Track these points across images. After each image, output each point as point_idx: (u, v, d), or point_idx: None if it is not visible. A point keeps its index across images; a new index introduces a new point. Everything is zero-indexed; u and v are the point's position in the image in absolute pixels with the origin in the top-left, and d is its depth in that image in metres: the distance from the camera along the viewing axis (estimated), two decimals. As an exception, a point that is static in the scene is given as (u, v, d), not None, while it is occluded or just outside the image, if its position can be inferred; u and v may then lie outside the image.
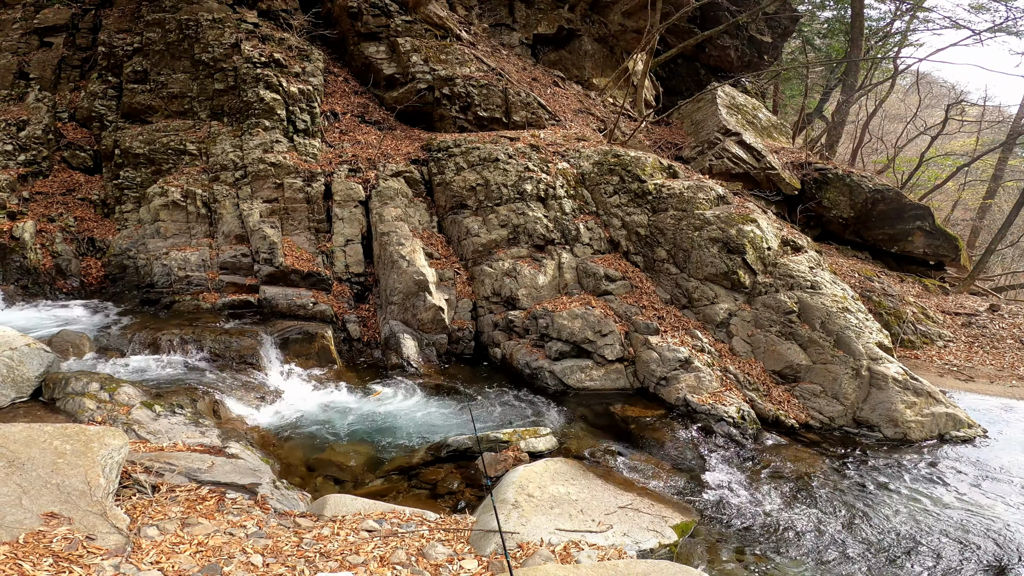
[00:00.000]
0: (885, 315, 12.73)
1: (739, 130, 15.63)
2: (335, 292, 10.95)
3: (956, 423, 8.36)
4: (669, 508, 5.96)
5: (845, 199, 15.86)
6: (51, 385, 6.75)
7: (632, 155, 12.09)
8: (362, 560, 4.11)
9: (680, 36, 19.19)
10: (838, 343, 9.06)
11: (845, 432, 8.44)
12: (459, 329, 10.58)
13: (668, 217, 11.00)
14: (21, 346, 6.96)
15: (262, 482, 5.37)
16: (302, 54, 13.22)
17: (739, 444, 7.75)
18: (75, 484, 4.06)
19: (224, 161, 11.74)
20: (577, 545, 4.85)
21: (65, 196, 12.07)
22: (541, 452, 7.02)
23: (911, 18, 22.52)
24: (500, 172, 11.71)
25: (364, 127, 13.69)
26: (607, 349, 9.53)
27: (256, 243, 10.92)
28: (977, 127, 25.70)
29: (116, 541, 3.73)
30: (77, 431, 4.57)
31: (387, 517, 4.96)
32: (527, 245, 11.16)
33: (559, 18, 17.84)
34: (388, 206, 11.49)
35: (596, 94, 17.97)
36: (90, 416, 6.23)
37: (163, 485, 4.83)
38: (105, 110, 12.64)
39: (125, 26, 13.12)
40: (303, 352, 9.51)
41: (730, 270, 10.08)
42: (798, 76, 24.87)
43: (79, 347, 8.44)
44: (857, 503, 6.46)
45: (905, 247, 16.56)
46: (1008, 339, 13.11)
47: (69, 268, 11.11)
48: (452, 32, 15.24)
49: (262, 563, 3.86)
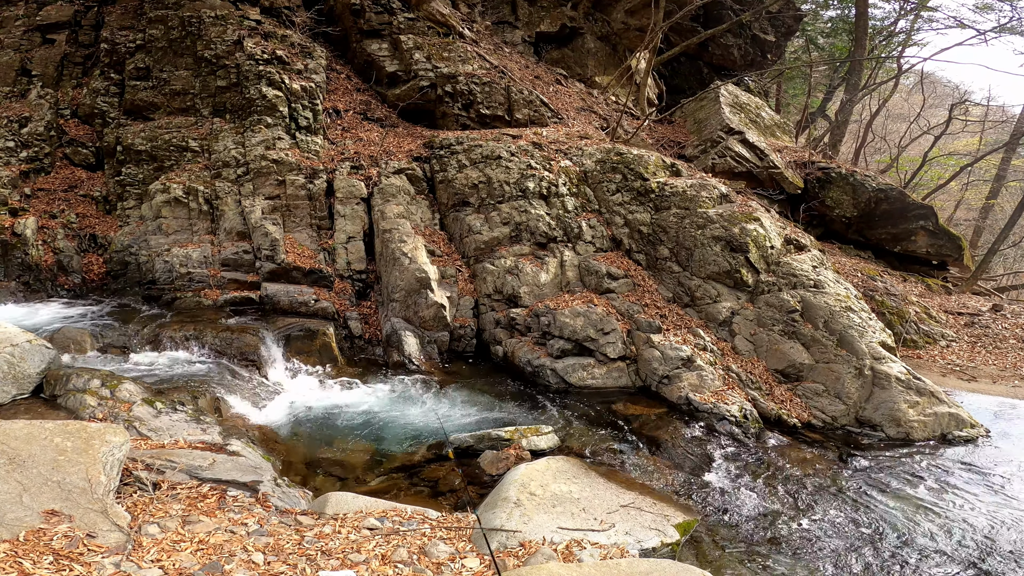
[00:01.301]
0: (888, 314, 12.69)
1: (742, 129, 15.59)
2: (337, 289, 10.93)
3: (959, 423, 8.33)
4: (671, 507, 5.94)
5: (848, 198, 15.81)
6: (52, 382, 6.74)
7: (635, 153, 12.06)
8: (364, 558, 4.09)
9: (683, 34, 19.14)
10: (841, 342, 9.03)
11: (847, 431, 8.41)
12: (461, 327, 10.56)
13: (671, 215, 10.97)
14: (22, 343, 6.94)
15: (263, 480, 5.35)
16: (304, 51, 13.20)
17: (741, 443, 7.73)
18: (76, 481, 4.05)
19: (226, 158, 11.72)
20: (579, 544, 4.83)
21: (67, 193, 12.05)
22: (543, 450, 7.00)
23: (915, 17, 22.46)
24: (502, 170, 11.68)
25: (366, 124, 13.67)
26: (609, 347, 9.50)
27: (258, 240, 10.90)
28: (981, 127, 25.63)
29: (117, 539, 3.72)
30: (78, 428, 4.56)
31: (389, 515, 4.95)
32: (529, 243, 11.14)
33: (562, 16, 17.80)
34: (390, 203, 11.46)
35: (599, 92, 17.93)
36: (91, 413, 6.22)
37: (164, 482, 4.82)
38: (107, 107, 12.62)
39: (128, 23, 13.10)
40: (305, 349, 9.49)
41: (733, 269, 10.05)
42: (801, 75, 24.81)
43: (80, 344, 8.43)
44: (859, 503, 6.44)
45: (908, 247, 16.52)
46: (1011, 339, 13.06)
47: (71, 265, 11.10)
48: (455, 30, 15.21)
49: (263, 561, 3.84)
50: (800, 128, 20.03)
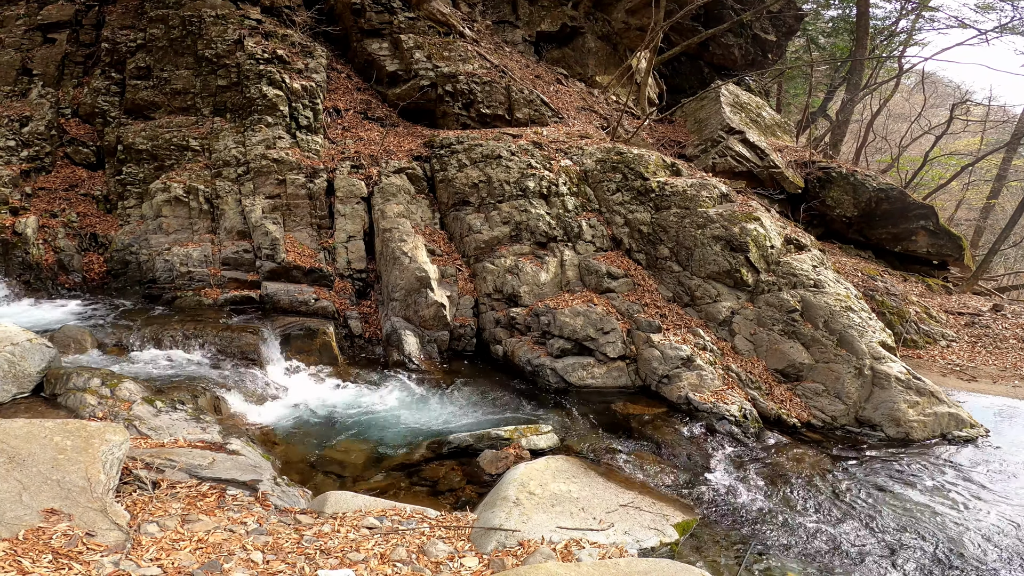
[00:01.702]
0: (888, 314, 12.69)
1: (743, 128, 15.58)
2: (337, 288, 10.94)
3: (958, 423, 8.33)
4: (670, 506, 5.94)
5: (849, 198, 15.80)
6: (52, 381, 6.75)
7: (635, 153, 12.06)
8: (363, 557, 4.10)
9: (684, 34, 19.13)
10: (841, 342, 9.02)
11: (847, 431, 8.41)
12: (461, 326, 10.56)
13: (671, 215, 10.96)
14: (23, 342, 6.95)
15: (263, 479, 5.36)
16: (305, 51, 13.20)
17: (741, 443, 7.73)
18: (75, 480, 4.06)
19: (227, 157, 11.73)
20: (578, 543, 4.83)
21: (68, 192, 12.06)
22: (542, 450, 7.01)
23: (916, 17, 22.44)
24: (503, 169, 11.68)
25: (367, 124, 13.67)
26: (609, 347, 9.51)
27: (258, 239, 10.91)
28: (982, 127, 25.59)
29: (116, 537, 3.73)
30: (78, 427, 4.56)
31: (388, 514, 4.95)
32: (529, 242, 11.14)
33: (562, 15, 17.79)
34: (390, 202, 11.47)
35: (599, 92, 17.92)
36: (91, 412, 6.23)
37: (164, 481, 4.83)
38: (108, 106, 12.63)
39: (128, 22, 13.10)
40: (305, 348, 9.50)
41: (733, 268, 10.04)
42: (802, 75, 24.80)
43: (81, 343, 8.44)
44: (859, 503, 6.44)
45: (909, 246, 16.51)
46: (1011, 339, 13.06)
47: (71, 264, 11.11)
48: (455, 29, 15.21)
49: (262, 560, 3.85)
50: (801, 128, 20.02)
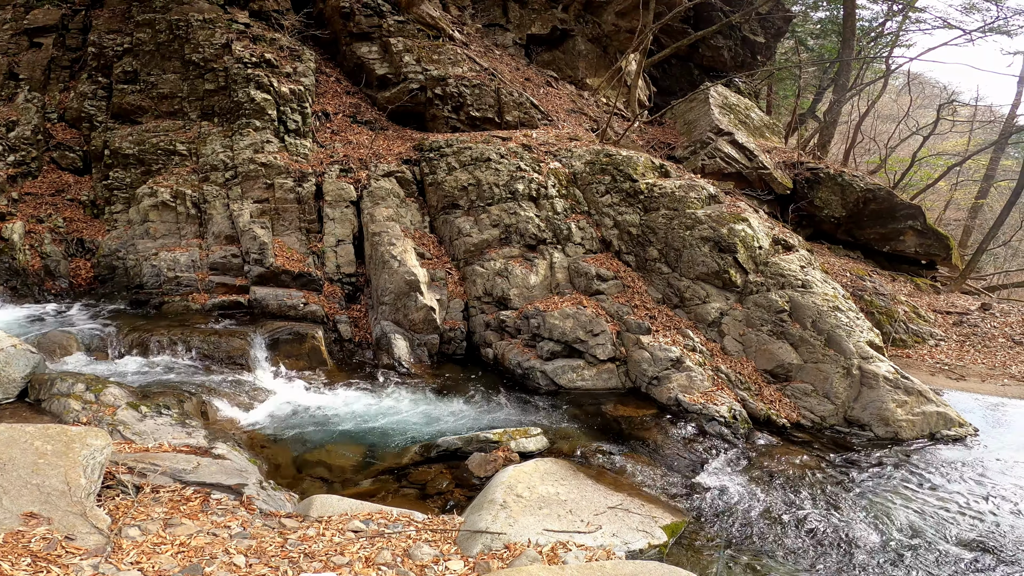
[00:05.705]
0: (876, 314, 12.75)
1: (732, 130, 15.64)
2: (326, 293, 10.90)
3: (947, 422, 8.36)
4: (659, 508, 5.94)
5: (837, 198, 15.89)
6: (37, 386, 6.69)
7: (624, 154, 12.08)
8: (347, 561, 4.07)
9: (673, 36, 19.21)
10: (829, 342, 9.06)
11: (836, 431, 8.44)
12: (451, 329, 10.54)
13: (660, 216, 10.99)
14: (7, 347, 6.89)
15: (248, 483, 5.32)
16: (294, 54, 13.17)
17: (731, 444, 7.74)
18: (55, 484, 4.02)
19: (214, 161, 11.68)
20: (565, 546, 4.81)
21: (54, 197, 11.99)
22: (531, 452, 6.99)
23: (903, 18, 22.59)
24: (492, 172, 11.69)
25: (356, 127, 13.65)
26: (599, 349, 9.50)
27: (246, 244, 10.86)
28: (969, 127, 25.79)
29: (96, 541, 3.69)
30: (58, 431, 4.52)
31: (374, 518, 4.92)
32: (519, 245, 11.13)
33: (552, 18, 17.84)
34: (379, 206, 11.45)
35: (589, 94, 17.97)
36: (75, 417, 6.17)
37: (147, 486, 4.78)
38: (95, 110, 12.56)
39: (115, 26, 13.05)
40: (293, 353, 9.46)
41: (721, 269, 10.07)
42: (791, 76, 24.93)
43: (66, 348, 8.37)
44: (847, 503, 6.45)
45: (897, 246, 16.61)
46: (999, 338, 13.14)
47: (58, 269, 11.04)
48: (445, 32, 15.22)
49: (245, 563, 3.81)
50: (790, 129, 20.11)
